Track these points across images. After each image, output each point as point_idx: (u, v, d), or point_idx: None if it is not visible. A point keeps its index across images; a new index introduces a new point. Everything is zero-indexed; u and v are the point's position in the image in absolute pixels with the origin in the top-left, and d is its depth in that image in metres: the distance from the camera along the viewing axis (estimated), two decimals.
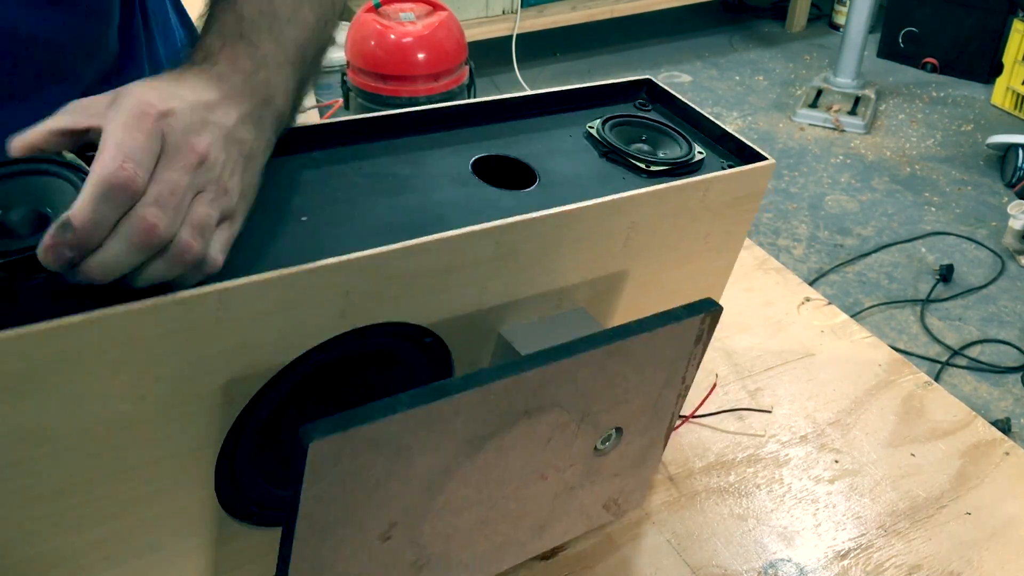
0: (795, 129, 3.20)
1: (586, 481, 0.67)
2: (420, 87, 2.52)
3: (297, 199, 0.60)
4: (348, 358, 0.59)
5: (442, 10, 2.61)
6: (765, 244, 2.61)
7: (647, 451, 0.70)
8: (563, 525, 0.69)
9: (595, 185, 0.67)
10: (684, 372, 0.66)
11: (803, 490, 0.81)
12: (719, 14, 4.03)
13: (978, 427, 0.89)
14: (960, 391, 2.13)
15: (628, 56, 3.60)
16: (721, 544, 0.76)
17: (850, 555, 0.76)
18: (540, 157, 0.70)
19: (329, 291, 0.53)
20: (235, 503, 0.59)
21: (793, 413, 0.89)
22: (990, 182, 2.92)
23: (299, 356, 0.55)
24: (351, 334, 0.57)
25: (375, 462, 0.51)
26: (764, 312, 1.02)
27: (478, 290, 0.61)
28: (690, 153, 0.72)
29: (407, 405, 0.50)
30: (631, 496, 0.73)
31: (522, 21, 3.30)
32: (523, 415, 0.57)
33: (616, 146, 0.72)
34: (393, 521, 0.55)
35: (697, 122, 0.78)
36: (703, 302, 0.63)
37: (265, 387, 0.55)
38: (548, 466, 0.63)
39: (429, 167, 0.66)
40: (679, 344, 0.63)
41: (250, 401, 0.55)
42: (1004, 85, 3.31)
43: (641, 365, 0.62)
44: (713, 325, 0.64)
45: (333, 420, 0.48)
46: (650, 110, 0.80)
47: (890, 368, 0.96)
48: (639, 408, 0.65)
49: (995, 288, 2.47)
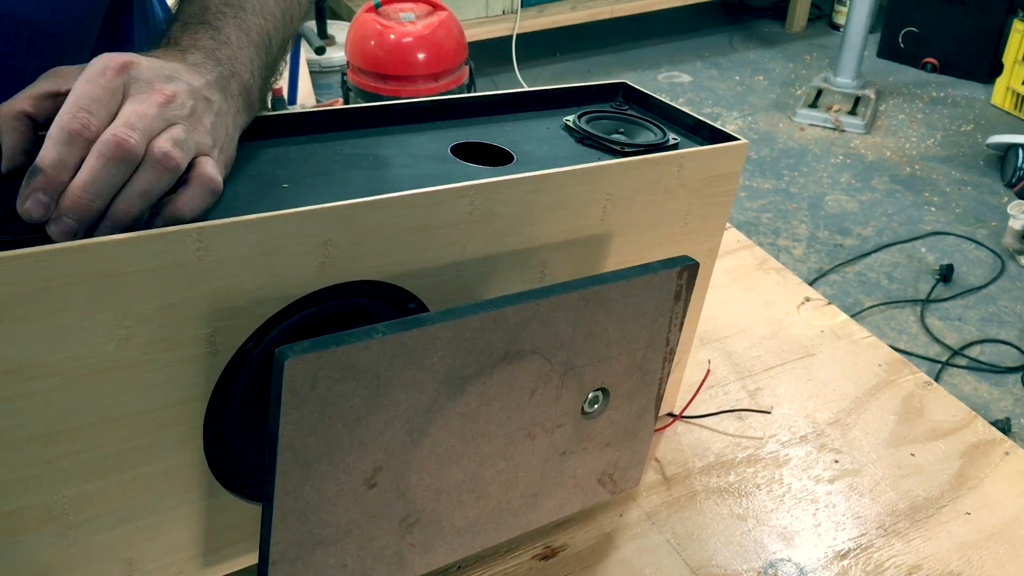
0: (795, 129, 3.20)
1: (576, 447, 0.68)
2: (420, 87, 2.52)
3: (279, 171, 0.62)
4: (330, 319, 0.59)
5: (442, 10, 2.61)
6: (765, 244, 2.61)
7: (638, 421, 0.70)
8: (557, 497, 0.70)
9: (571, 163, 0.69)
10: (667, 332, 0.67)
11: (803, 490, 0.81)
12: (719, 14, 4.03)
13: (978, 427, 0.89)
14: (960, 391, 2.13)
15: (628, 56, 3.60)
16: (721, 544, 0.76)
17: (850, 555, 0.76)
18: (517, 144, 0.72)
19: (308, 239, 0.54)
20: (225, 472, 0.60)
21: (793, 413, 0.89)
22: (990, 182, 2.92)
23: (281, 310, 0.56)
24: (332, 289, 0.58)
25: (354, 391, 0.52)
26: (764, 312, 1.03)
27: (458, 251, 0.62)
28: (664, 138, 0.74)
29: (382, 332, 0.51)
30: (626, 472, 0.73)
31: (522, 21, 3.31)
32: (503, 359, 0.58)
33: (592, 132, 0.74)
34: (378, 466, 0.56)
35: (672, 116, 0.80)
36: (679, 258, 0.65)
37: (248, 340, 0.56)
38: (534, 423, 0.63)
39: (409, 149, 0.68)
40: (657, 298, 0.64)
41: (234, 355, 0.56)
42: (1004, 85, 3.32)
43: (620, 317, 0.63)
44: (691, 281, 0.65)
45: (310, 342, 0.49)
46: (627, 110, 0.81)
47: (890, 368, 0.96)
48: (624, 368, 0.66)
49: (995, 288, 2.47)
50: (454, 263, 0.62)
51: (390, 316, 0.62)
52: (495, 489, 0.65)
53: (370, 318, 0.61)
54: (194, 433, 0.57)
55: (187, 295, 0.51)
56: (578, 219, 0.68)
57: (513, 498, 0.66)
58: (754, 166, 2.97)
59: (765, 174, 2.94)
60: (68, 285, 0.47)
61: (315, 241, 0.55)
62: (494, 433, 0.62)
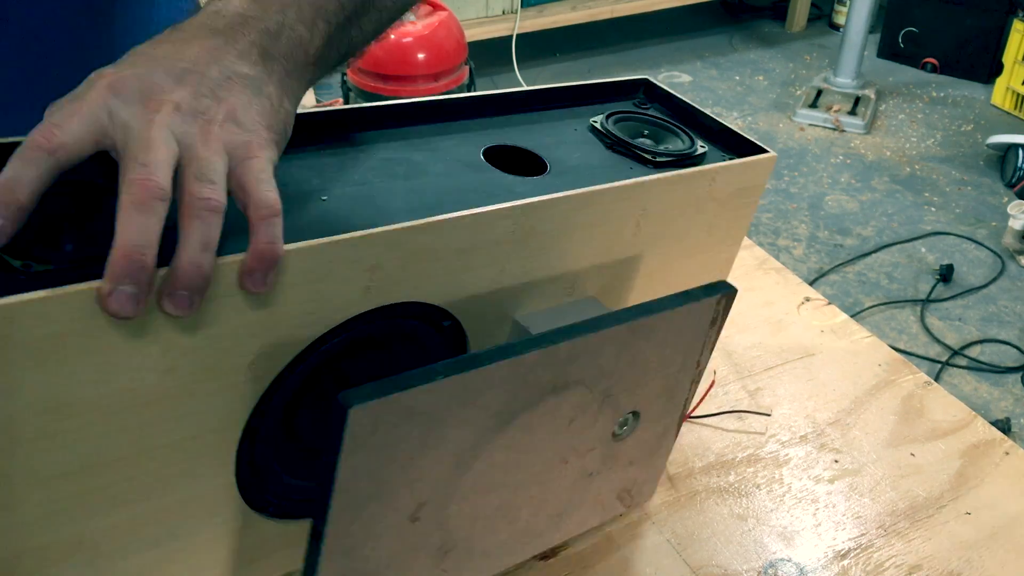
0: (795, 129, 3.20)
1: (603, 467, 0.67)
2: (420, 87, 2.52)
3: (315, 181, 0.60)
4: (367, 341, 0.58)
5: (442, 10, 2.61)
6: (765, 244, 2.61)
7: (661, 439, 0.71)
8: (579, 515, 0.70)
9: (604, 174, 0.68)
10: (699, 355, 0.67)
11: (803, 490, 0.81)
12: (719, 14, 4.03)
13: (978, 427, 0.89)
14: (960, 391, 2.13)
15: (628, 56, 3.60)
16: (721, 544, 0.76)
17: (850, 555, 0.76)
18: (548, 148, 0.71)
19: (356, 264, 0.53)
20: (253, 493, 0.59)
21: (793, 413, 0.89)
22: (990, 182, 2.92)
23: (324, 333, 0.55)
24: (375, 312, 0.56)
25: (411, 433, 0.51)
26: (764, 312, 1.03)
27: (497, 271, 0.61)
28: (693, 146, 0.73)
29: (443, 374, 0.50)
30: (643, 488, 0.74)
31: (522, 21, 3.31)
32: (549, 391, 0.57)
33: (622, 138, 0.73)
34: (423, 500, 0.55)
35: (696, 120, 0.79)
36: (719, 284, 0.64)
37: (289, 366, 0.55)
38: (570, 449, 0.63)
39: (442, 154, 0.67)
40: (696, 325, 0.64)
41: (273, 380, 0.54)
42: (1004, 85, 3.32)
43: (661, 344, 0.62)
44: (728, 308, 0.65)
45: (372, 386, 0.47)
46: (649, 108, 0.81)
47: (890, 368, 0.96)
48: (656, 391, 0.66)
49: (995, 288, 2.47)
50: (492, 281, 0.62)
51: (424, 334, 0.61)
52: (525, 512, 0.64)
53: (404, 337, 0.61)
54: (227, 458, 0.56)
55: (234, 324, 0.50)
56: (612, 234, 0.67)
57: (540, 519, 0.66)
58: None
59: None
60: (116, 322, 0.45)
61: (363, 266, 0.53)
62: (532, 461, 0.61)
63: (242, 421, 0.55)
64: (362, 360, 0.61)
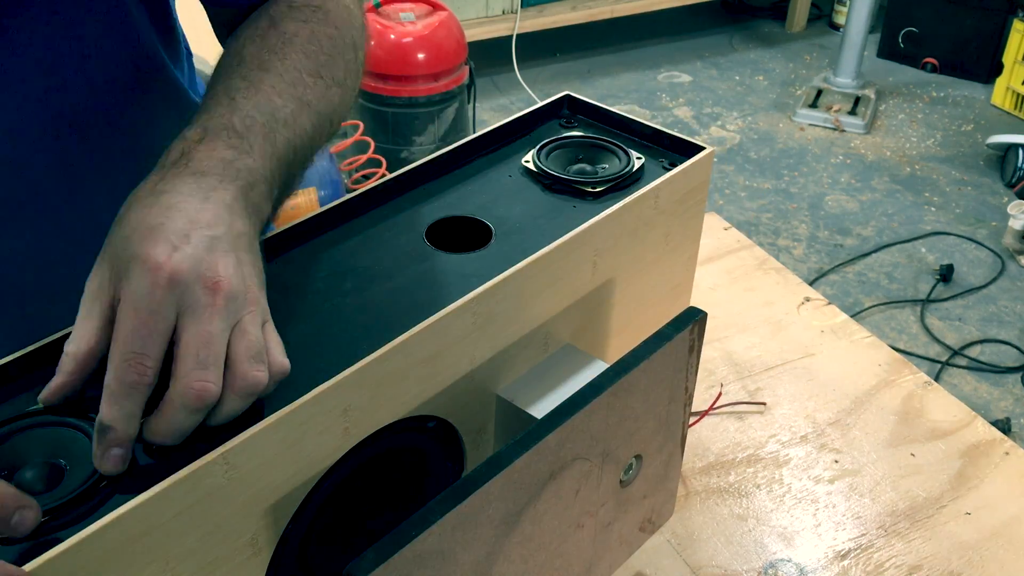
0: (795, 129, 3.20)
1: (619, 514, 0.67)
2: (420, 87, 2.52)
3: None
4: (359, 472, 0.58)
5: (442, 10, 2.61)
6: (765, 244, 2.61)
7: (667, 466, 0.70)
8: (607, 560, 0.69)
9: (548, 222, 0.68)
10: (685, 383, 0.66)
11: (803, 490, 0.81)
12: (719, 14, 4.03)
13: (978, 427, 0.89)
14: (960, 391, 2.13)
15: (628, 56, 3.60)
16: (721, 544, 0.76)
17: (850, 555, 0.76)
18: (487, 207, 0.70)
19: (329, 414, 0.53)
20: None
21: (793, 413, 0.89)
22: (990, 182, 2.92)
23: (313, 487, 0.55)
24: (357, 447, 0.57)
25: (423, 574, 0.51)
26: (764, 312, 1.02)
27: (466, 362, 0.61)
28: (629, 163, 0.73)
29: (440, 513, 0.50)
30: (662, 510, 0.73)
31: (522, 21, 3.30)
32: (548, 479, 0.57)
33: (557, 175, 0.72)
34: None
35: (625, 125, 0.79)
36: (687, 313, 0.63)
37: (288, 527, 0.55)
38: (582, 514, 0.63)
39: (385, 248, 0.66)
40: (675, 361, 0.64)
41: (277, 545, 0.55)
42: (1004, 85, 3.32)
43: (646, 392, 0.62)
44: (702, 332, 0.65)
45: (374, 551, 0.48)
46: (575, 124, 0.80)
47: (890, 368, 0.96)
48: (652, 430, 0.66)
49: (995, 288, 2.47)
50: (466, 374, 0.62)
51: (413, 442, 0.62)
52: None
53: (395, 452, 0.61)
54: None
55: (223, 516, 0.50)
56: (572, 283, 0.67)
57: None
58: (754, 166, 2.97)
59: (765, 174, 2.94)
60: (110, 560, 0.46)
61: (336, 412, 0.54)
62: (548, 541, 0.61)
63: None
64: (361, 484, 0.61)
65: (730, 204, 2.78)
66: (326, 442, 0.54)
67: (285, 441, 0.51)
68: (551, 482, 0.58)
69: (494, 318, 0.62)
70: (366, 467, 0.59)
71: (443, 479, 0.66)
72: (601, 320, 0.73)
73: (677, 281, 0.81)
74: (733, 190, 2.84)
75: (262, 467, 0.51)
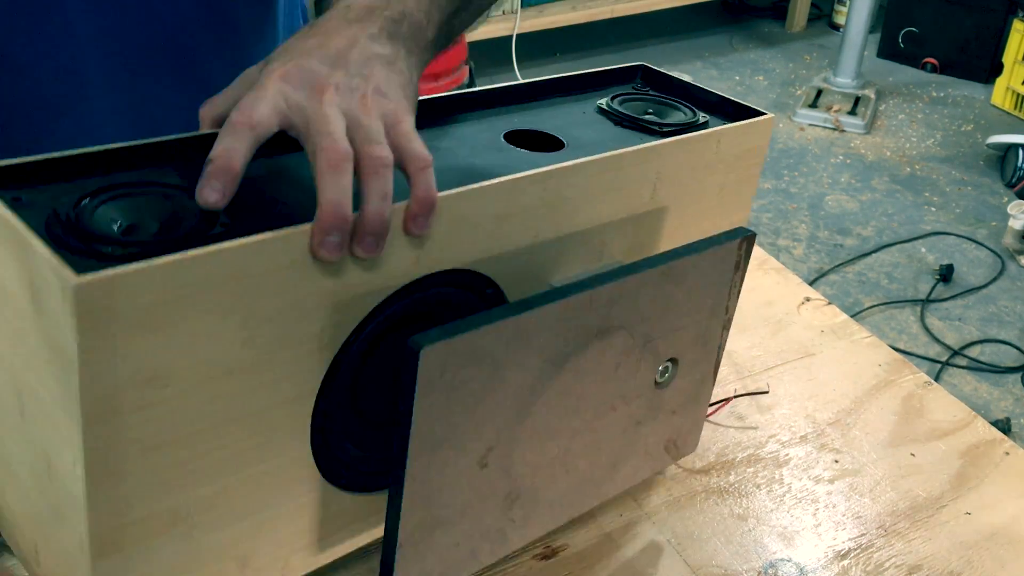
0: (795, 129, 3.20)
1: (649, 416, 0.71)
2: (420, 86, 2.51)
3: None
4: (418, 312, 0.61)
5: None
6: (765, 244, 2.61)
7: (699, 388, 0.75)
8: (632, 464, 0.73)
9: (618, 146, 0.71)
10: (727, 301, 0.71)
11: (803, 490, 0.81)
12: (719, 14, 4.03)
13: (978, 427, 0.89)
14: (960, 391, 2.13)
15: (628, 56, 3.61)
16: (721, 544, 0.76)
17: (850, 555, 0.76)
18: (562, 129, 0.74)
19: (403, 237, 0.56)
20: (328, 465, 0.62)
21: (793, 413, 0.89)
22: (990, 182, 2.92)
23: (380, 303, 0.58)
24: (424, 280, 0.60)
25: (475, 376, 0.55)
26: (764, 312, 1.03)
27: (531, 235, 0.65)
28: (696, 117, 0.78)
29: (500, 316, 0.55)
30: (687, 438, 0.78)
31: (522, 21, 3.31)
32: (595, 335, 0.62)
33: (628, 114, 0.77)
34: (490, 445, 0.59)
35: (693, 96, 0.83)
36: (738, 230, 0.69)
37: (352, 334, 0.57)
38: (617, 396, 0.67)
39: (465, 140, 0.71)
40: (721, 269, 0.69)
41: (339, 351, 0.57)
42: (1004, 85, 3.32)
43: (691, 288, 0.67)
44: (749, 251, 0.70)
45: (439, 330, 0.52)
46: (648, 91, 0.85)
47: (890, 368, 0.96)
48: (690, 338, 0.70)
49: (995, 288, 2.47)
50: (528, 246, 0.65)
51: (471, 303, 0.65)
52: (582, 462, 0.68)
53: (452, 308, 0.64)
54: (303, 429, 0.58)
55: (303, 293, 0.53)
56: (632, 198, 0.71)
57: (596, 469, 0.70)
58: None
59: (765, 174, 2.94)
60: (201, 291, 0.48)
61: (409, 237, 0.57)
62: (584, 408, 0.65)
63: (314, 393, 0.58)
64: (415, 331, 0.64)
65: None
66: (398, 261, 0.57)
67: None
68: (597, 340, 0.62)
69: (561, 201, 0.65)
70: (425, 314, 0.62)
71: None
72: (652, 248, 0.76)
73: None
74: None
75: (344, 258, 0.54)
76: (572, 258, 0.69)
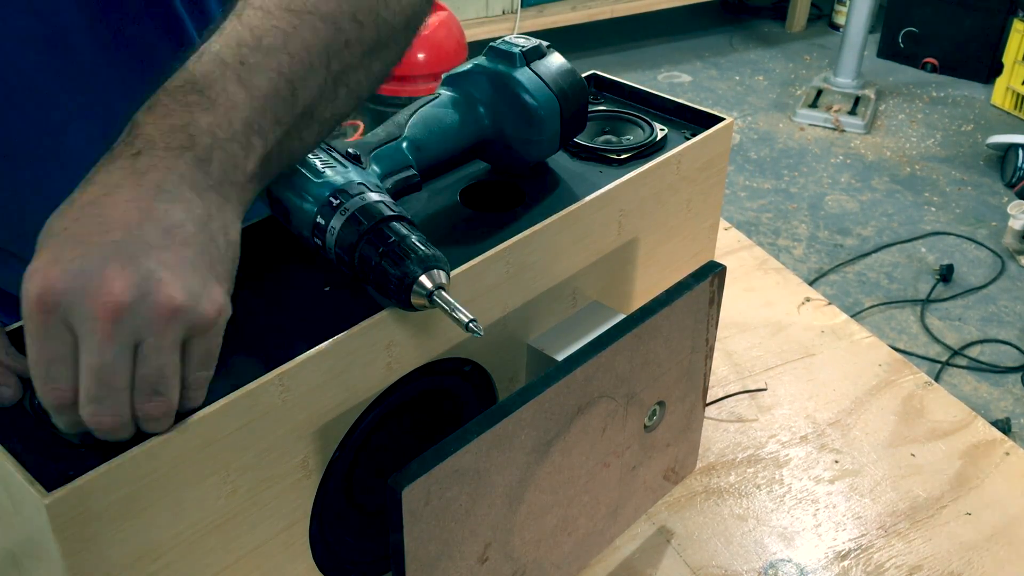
0: (795, 129, 3.20)
1: (644, 458, 0.71)
2: (420, 87, 2.51)
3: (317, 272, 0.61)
4: (401, 408, 0.62)
5: (442, 10, 2.61)
6: (765, 244, 2.61)
7: (690, 415, 0.74)
8: (632, 504, 0.73)
9: (577, 185, 0.71)
10: (706, 335, 0.70)
11: (803, 490, 0.81)
12: (719, 14, 4.03)
13: (978, 427, 0.89)
14: (960, 391, 2.13)
15: (628, 56, 3.60)
16: (721, 544, 0.76)
17: (850, 555, 0.76)
18: None
19: (373, 347, 0.57)
20: (331, 567, 0.63)
21: (793, 413, 0.89)
22: (990, 182, 2.92)
23: (360, 414, 0.58)
24: (400, 383, 0.60)
25: (460, 492, 0.55)
26: (764, 312, 1.02)
27: (500, 309, 0.65)
28: (652, 133, 0.76)
29: (476, 432, 0.54)
30: (685, 461, 0.77)
31: (522, 21, 3.30)
32: (576, 413, 0.61)
33: (584, 144, 0.75)
34: (487, 542, 0.59)
35: (649, 101, 0.82)
36: (707, 266, 0.68)
37: (337, 450, 0.58)
38: (608, 453, 0.67)
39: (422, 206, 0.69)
40: (696, 309, 0.68)
41: (327, 467, 0.58)
42: (1004, 85, 3.31)
43: (667, 338, 0.66)
44: (721, 285, 0.69)
45: (416, 463, 0.51)
46: (600, 100, 0.83)
47: (890, 368, 0.96)
48: (675, 378, 0.69)
49: (995, 288, 2.47)
50: (499, 319, 0.65)
51: (450, 386, 0.65)
52: (583, 520, 0.68)
53: (434, 393, 0.64)
54: (303, 548, 0.59)
55: (278, 435, 0.54)
56: (598, 241, 0.71)
57: (597, 521, 0.69)
58: (754, 166, 2.97)
59: (765, 174, 2.94)
60: (175, 467, 0.49)
61: (380, 346, 0.57)
62: (576, 476, 0.64)
63: (307, 515, 0.58)
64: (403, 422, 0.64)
65: (730, 204, 2.78)
66: (370, 375, 0.58)
67: (333, 370, 0.55)
68: (579, 416, 0.61)
69: (526, 268, 0.65)
70: (407, 405, 0.62)
71: None
72: (626, 280, 0.76)
73: (699, 248, 0.85)
74: (733, 190, 2.84)
75: (313, 392, 0.54)
76: (546, 312, 0.69)
